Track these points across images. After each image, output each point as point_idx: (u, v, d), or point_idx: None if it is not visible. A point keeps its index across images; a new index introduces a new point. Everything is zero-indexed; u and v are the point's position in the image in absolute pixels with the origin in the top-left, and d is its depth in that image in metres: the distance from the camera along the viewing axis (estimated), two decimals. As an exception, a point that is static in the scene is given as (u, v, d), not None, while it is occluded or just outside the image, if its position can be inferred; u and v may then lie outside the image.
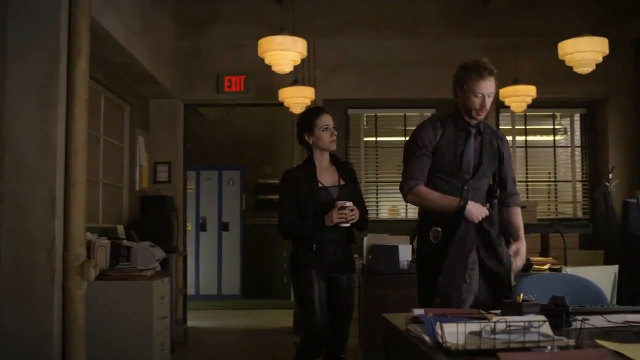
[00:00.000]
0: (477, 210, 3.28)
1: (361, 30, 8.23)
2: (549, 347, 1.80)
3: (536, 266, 5.34)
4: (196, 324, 8.64)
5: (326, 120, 3.91)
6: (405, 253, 5.42)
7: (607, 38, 5.65)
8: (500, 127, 8.87)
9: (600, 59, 5.64)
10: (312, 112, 3.99)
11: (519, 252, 3.51)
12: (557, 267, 5.20)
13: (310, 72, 8.02)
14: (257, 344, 7.57)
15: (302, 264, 3.85)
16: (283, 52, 5.47)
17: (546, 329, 1.96)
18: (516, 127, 9.34)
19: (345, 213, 3.73)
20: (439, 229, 3.37)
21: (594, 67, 5.71)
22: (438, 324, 1.97)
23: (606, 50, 5.54)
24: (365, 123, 9.38)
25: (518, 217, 3.62)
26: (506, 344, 1.86)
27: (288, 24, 6.44)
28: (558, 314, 2.22)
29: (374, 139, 9.36)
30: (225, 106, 10.09)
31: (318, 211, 3.79)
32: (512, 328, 1.90)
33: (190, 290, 9.89)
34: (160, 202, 7.47)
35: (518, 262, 3.49)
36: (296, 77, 7.43)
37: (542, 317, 2.05)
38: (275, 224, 3.98)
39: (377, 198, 9.33)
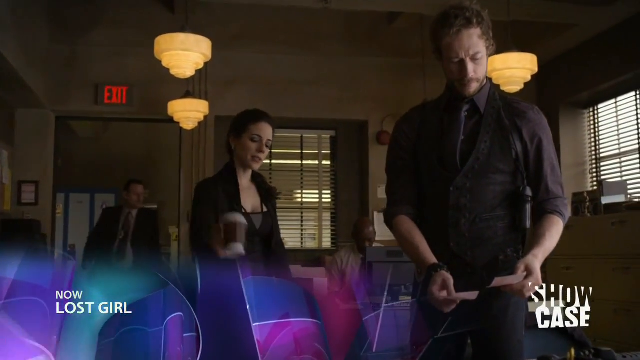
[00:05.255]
0: (437, 290, 2.06)
1: (258, 43, 7.66)
2: None
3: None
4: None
5: (261, 129, 3.05)
6: (321, 287, 4.78)
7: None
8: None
9: (529, 77, 5.30)
10: (250, 114, 3.12)
11: (529, 270, 2.05)
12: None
13: (202, 86, 7.33)
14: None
15: None
16: (185, 52, 4.70)
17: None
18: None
19: None
20: None
21: (522, 85, 5.35)
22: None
23: (535, 68, 5.21)
24: (258, 144, 8.71)
25: (546, 226, 2.23)
26: None
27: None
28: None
29: (267, 161, 8.71)
30: (104, 120, 9.17)
31: None
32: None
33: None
34: (25, 226, 6.83)
35: (519, 289, 2.04)
36: (188, 89, 6.70)
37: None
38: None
39: (269, 226, 8.66)
